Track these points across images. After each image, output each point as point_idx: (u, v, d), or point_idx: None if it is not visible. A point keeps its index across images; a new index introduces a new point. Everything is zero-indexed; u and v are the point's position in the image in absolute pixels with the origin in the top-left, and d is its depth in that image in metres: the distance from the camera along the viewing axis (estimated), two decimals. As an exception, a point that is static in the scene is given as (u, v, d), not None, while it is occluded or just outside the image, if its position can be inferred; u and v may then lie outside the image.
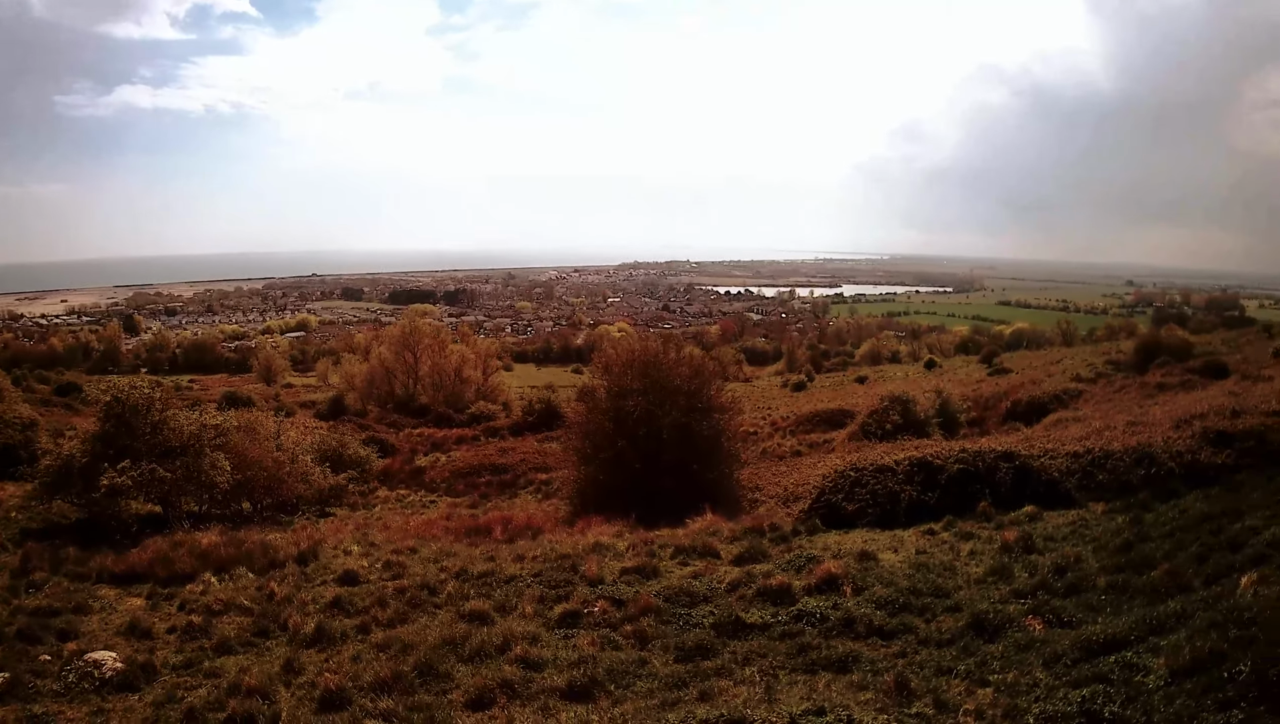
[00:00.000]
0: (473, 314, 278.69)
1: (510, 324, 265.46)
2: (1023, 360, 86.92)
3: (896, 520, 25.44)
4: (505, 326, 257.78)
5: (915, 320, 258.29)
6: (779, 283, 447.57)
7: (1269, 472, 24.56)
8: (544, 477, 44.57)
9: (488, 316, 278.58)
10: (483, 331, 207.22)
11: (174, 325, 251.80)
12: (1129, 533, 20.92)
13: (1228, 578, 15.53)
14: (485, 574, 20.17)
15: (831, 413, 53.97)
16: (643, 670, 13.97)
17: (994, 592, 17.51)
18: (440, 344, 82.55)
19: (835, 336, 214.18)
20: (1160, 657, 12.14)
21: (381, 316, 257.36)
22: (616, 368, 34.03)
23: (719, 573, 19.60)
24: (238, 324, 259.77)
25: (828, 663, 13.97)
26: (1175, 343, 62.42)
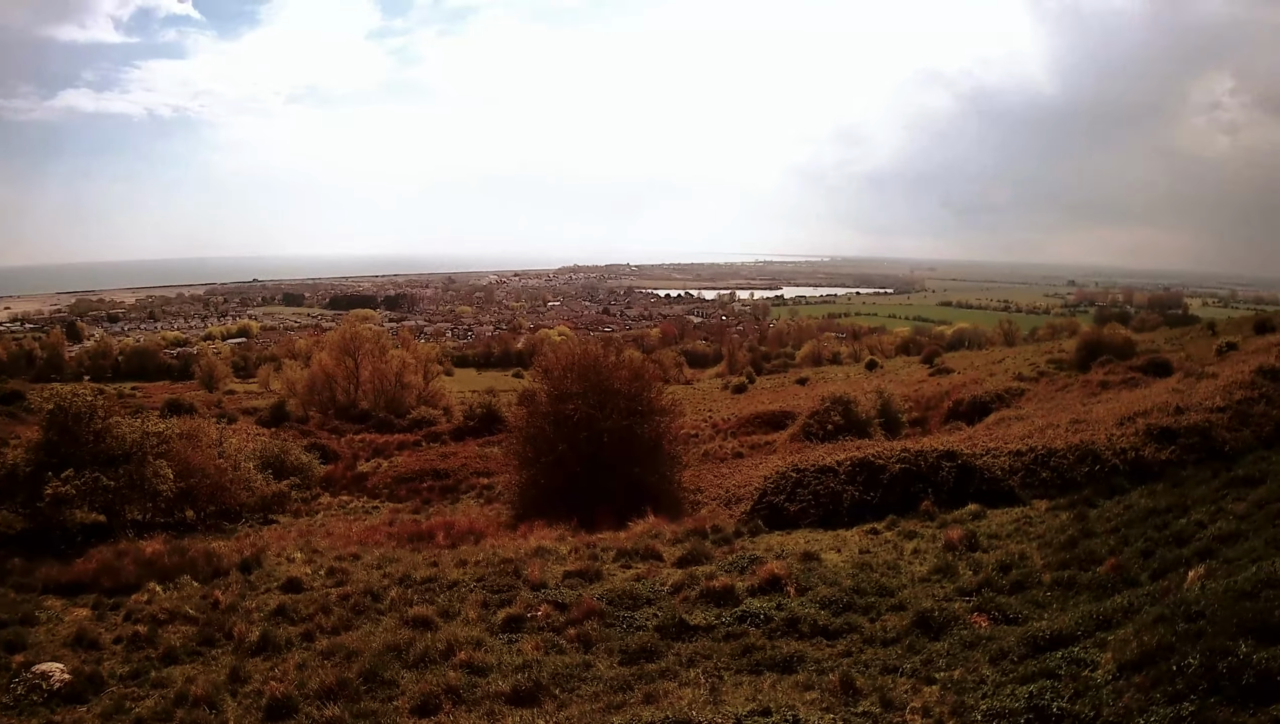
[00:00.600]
0: (413, 319, 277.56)
1: (451, 329, 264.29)
2: (964, 360, 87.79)
3: (839, 520, 25.63)
4: (446, 331, 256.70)
5: (856, 322, 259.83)
6: (719, 285, 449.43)
7: (1214, 467, 24.88)
8: (486, 481, 44.50)
9: (428, 321, 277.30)
10: (423, 336, 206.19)
11: (117, 332, 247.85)
12: (1074, 529, 21.14)
13: (1174, 572, 15.70)
14: (428, 580, 20.11)
15: (773, 414, 54.28)
16: (587, 674, 13.94)
17: (938, 589, 17.65)
18: (381, 349, 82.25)
19: (776, 338, 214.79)
20: (1107, 651, 12.20)
21: (322, 322, 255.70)
22: (557, 372, 33.94)
23: (662, 575, 19.63)
24: (180, 330, 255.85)
25: (772, 663, 14.00)
26: (1118, 341, 63.16)
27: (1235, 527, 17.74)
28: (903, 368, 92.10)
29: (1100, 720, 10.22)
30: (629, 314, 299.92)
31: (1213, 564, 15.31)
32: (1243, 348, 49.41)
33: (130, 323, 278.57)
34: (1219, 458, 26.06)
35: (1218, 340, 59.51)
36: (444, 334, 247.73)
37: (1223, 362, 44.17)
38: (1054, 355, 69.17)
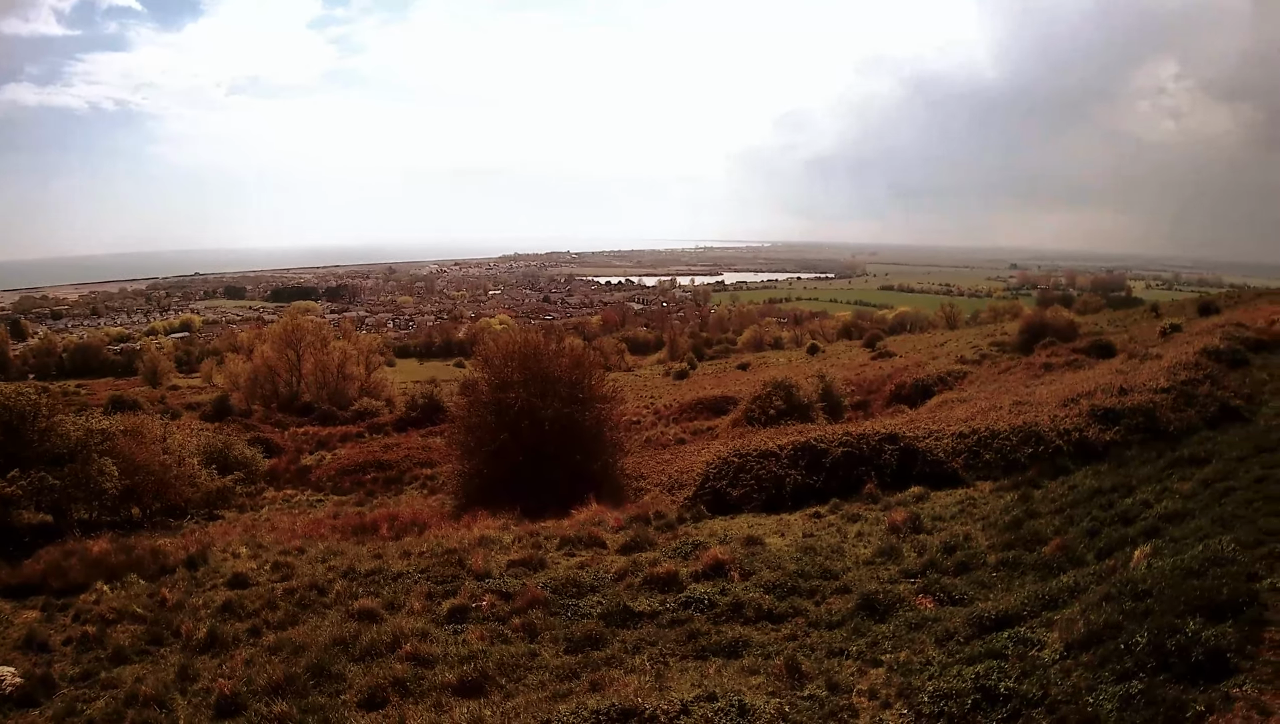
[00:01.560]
0: (355, 310, 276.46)
1: (392, 319, 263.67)
2: (906, 343, 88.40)
3: (782, 504, 25.78)
4: (387, 322, 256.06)
5: (797, 306, 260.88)
6: (659, 272, 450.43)
7: (1159, 447, 25.18)
8: (429, 472, 44.40)
9: (370, 312, 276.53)
10: (365, 327, 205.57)
11: (60, 329, 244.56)
12: (1018, 510, 21.33)
13: (1120, 551, 15.85)
14: (373, 572, 20.01)
15: (715, 400, 54.40)
16: (533, 663, 13.99)
17: (883, 572, 17.75)
18: (322, 341, 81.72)
19: (717, 324, 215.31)
20: (1054, 631, 12.36)
21: (264, 315, 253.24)
22: (497, 361, 33.81)
23: (606, 562, 19.71)
24: (123, 326, 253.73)
25: (718, 648, 14.06)
26: (1061, 324, 63.67)
27: (1181, 506, 17.96)
28: (845, 352, 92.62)
29: (1048, 700, 10.32)
30: (570, 302, 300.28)
31: (1159, 543, 15.48)
32: (1187, 330, 50.04)
33: (74, 320, 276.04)
34: (1164, 438, 26.37)
35: (1161, 322, 60.20)
36: (385, 325, 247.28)
37: (1167, 343, 44.67)
38: (996, 338, 69.80)
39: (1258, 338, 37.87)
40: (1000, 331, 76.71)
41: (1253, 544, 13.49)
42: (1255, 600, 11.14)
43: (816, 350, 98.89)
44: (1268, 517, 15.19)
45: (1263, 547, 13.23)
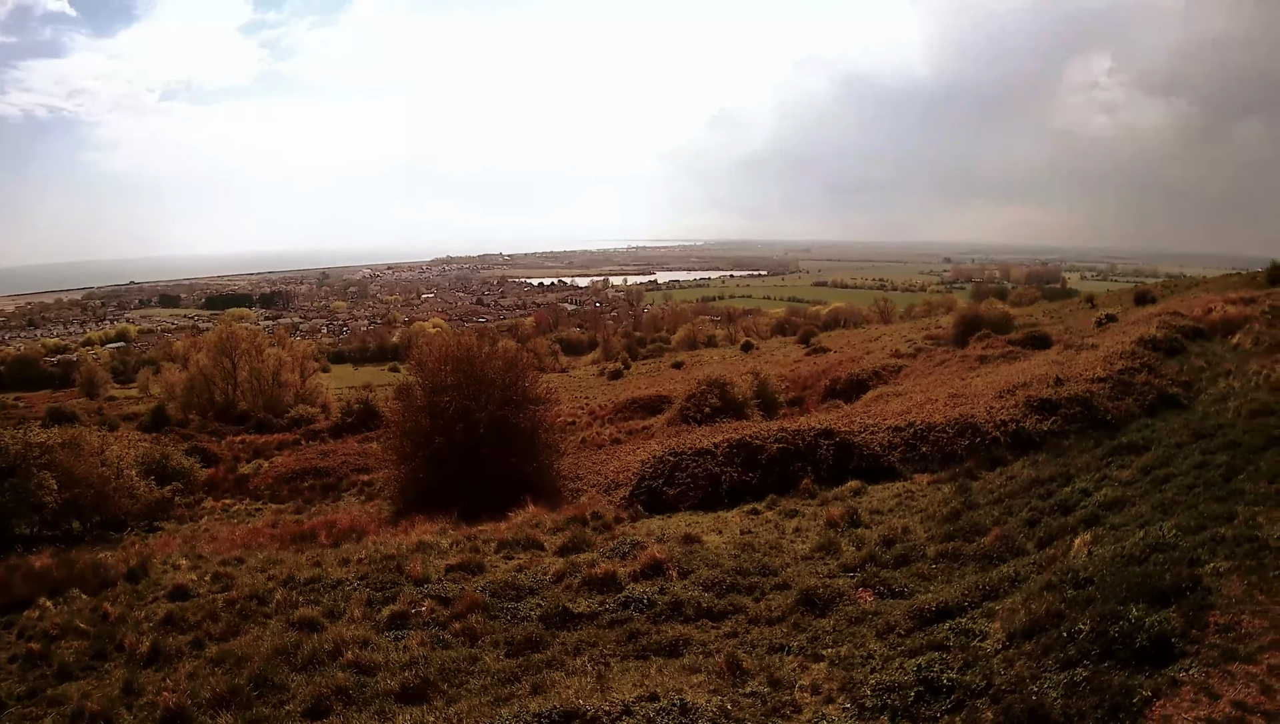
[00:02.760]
0: (289, 316, 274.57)
1: (326, 325, 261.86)
2: (841, 339, 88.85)
3: (719, 502, 25.86)
4: (321, 327, 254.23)
5: (731, 304, 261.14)
6: (592, 272, 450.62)
7: (1097, 436, 25.48)
8: (366, 478, 43.94)
9: (304, 318, 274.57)
10: (299, 333, 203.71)
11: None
12: (956, 502, 21.53)
13: (1061, 540, 16.00)
14: (312, 580, 19.88)
15: (649, 399, 54.39)
16: (474, 667, 13.91)
17: (822, 567, 17.83)
18: (257, 349, 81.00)
19: (650, 323, 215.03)
20: (996, 621, 12.41)
21: (199, 323, 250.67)
22: (431, 365, 33.70)
23: (544, 564, 19.67)
24: (59, 337, 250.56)
25: (658, 648, 14.08)
26: (995, 316, 64.26)
27: (1121, 493, 18.12)
28: (779, 348, 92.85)
29: (992, 690, 10.34)
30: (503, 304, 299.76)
31: (1100, 531, 15.61)
32: (1123, 319, 50.74)
33: (10, 331, 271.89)
34: (1102, 427, 26.69)
35: (1097, 312, 60.99)
36: (320, 331, 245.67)
37: (1103, 333, 45.25)
38: (931, 332, 70.25)
39: (1195, 326, 38.38)
40: (935, 325, 77.21)
41: (1194, 529, 13.61)
42: (1198, 585, 11.23)
43: (751, 347, 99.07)
44: (1208, 502, 15.34)
45: (1204, 532, 13.35)
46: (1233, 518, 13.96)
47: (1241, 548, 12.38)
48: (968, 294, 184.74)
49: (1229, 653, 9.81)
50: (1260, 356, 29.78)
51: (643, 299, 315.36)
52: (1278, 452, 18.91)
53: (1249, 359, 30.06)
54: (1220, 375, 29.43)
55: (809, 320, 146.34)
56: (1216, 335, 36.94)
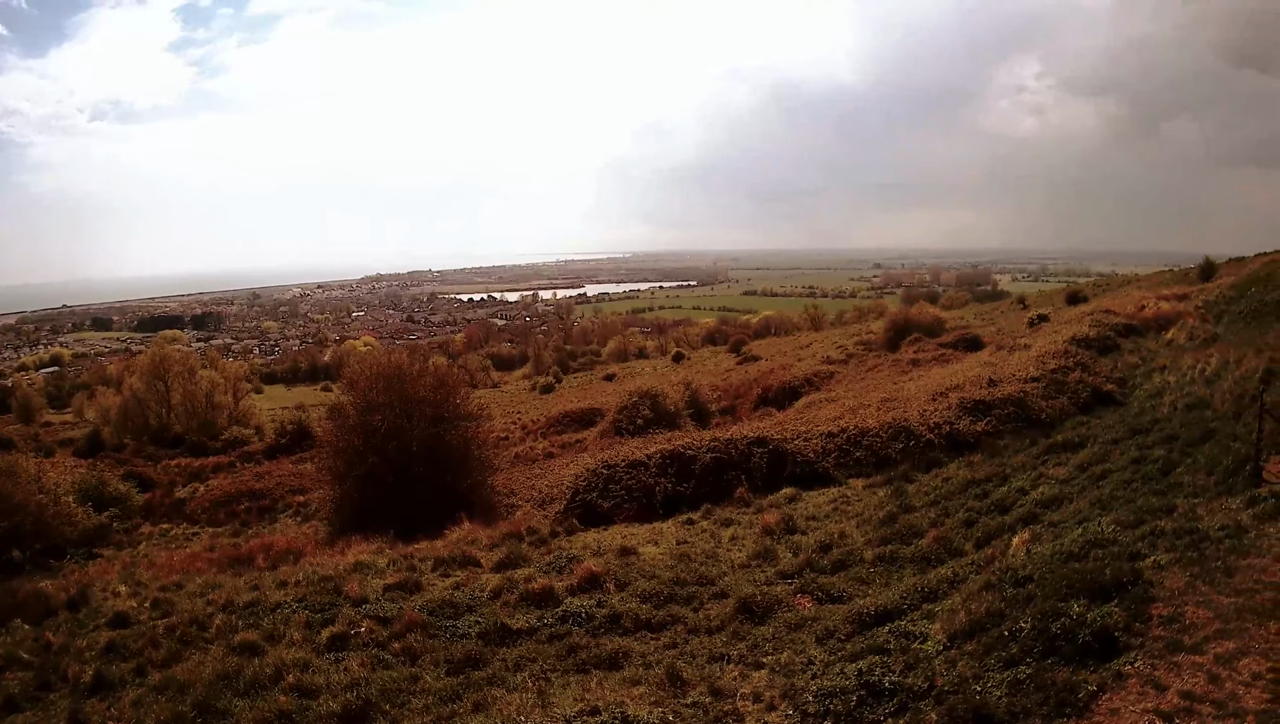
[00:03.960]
0: (220, 337, 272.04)
1: (258, 345, 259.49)
2: (772, 347, 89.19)
3: (654, 513, 25.84)
4: (253, 348, 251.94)
5: (661, 316, 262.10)
6: (521, 287, 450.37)
7: (1032, 435, 25.78)
8: (301, 499, 43.73)
9: (235, 339, 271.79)
10: (231, 355, 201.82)
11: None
12: (892, 505, 21.67)
13: (999, 539, 16.14)
14: (251, 604, 19.66)
15: (582, 412, 54.42)
16: (415, 687, 13.83)
17: (760, 574, 17.86)
18: (190, 371, 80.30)
19: (581, 337, 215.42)
20: (936, 622, 12.47)
21: (132, 346, 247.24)
22: (362, 383, 33.50)
23: (481, 581, 19.55)
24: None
25: (598, 661, 14.04)
26: (926, 320, 64.61)
27: (1058, 491, 18.34)
28: (710, 358, 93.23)
29: (935, 691, 10.35)
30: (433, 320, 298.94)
31: (1038, 529, 15.77)
32: (1055, 319, 51.26)
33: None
34: (1037, 426, 27.00)
35: (1029, 313, 61.69)
36: (251, 351, 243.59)
37: (1035, 333, 45.72)
38: (862, 337, 70.66)
39: (1128, 323, 38.93)
40: (866, 331, 77.63)
41: (1133, 524, 13.75)
42: (1140, 579, 11.33)
43: (682, 358, 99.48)
44: (1146, 496, 15.51)
45: (1143, 525, 13.49)
46: (1172, 511, 14.13)
47: (1182, 540, 12.51)
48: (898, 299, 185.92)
49: (1174, 644, 9.89)
50: (1195, 351, 30.18)
51: (573, 312, 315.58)
52: (1215, 444, 19.16)
53: (1184, 354, 30.45)
54: (1155, 371, 29.82)
55: (740, 329, 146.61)
56: (1150, 332, 37.48)
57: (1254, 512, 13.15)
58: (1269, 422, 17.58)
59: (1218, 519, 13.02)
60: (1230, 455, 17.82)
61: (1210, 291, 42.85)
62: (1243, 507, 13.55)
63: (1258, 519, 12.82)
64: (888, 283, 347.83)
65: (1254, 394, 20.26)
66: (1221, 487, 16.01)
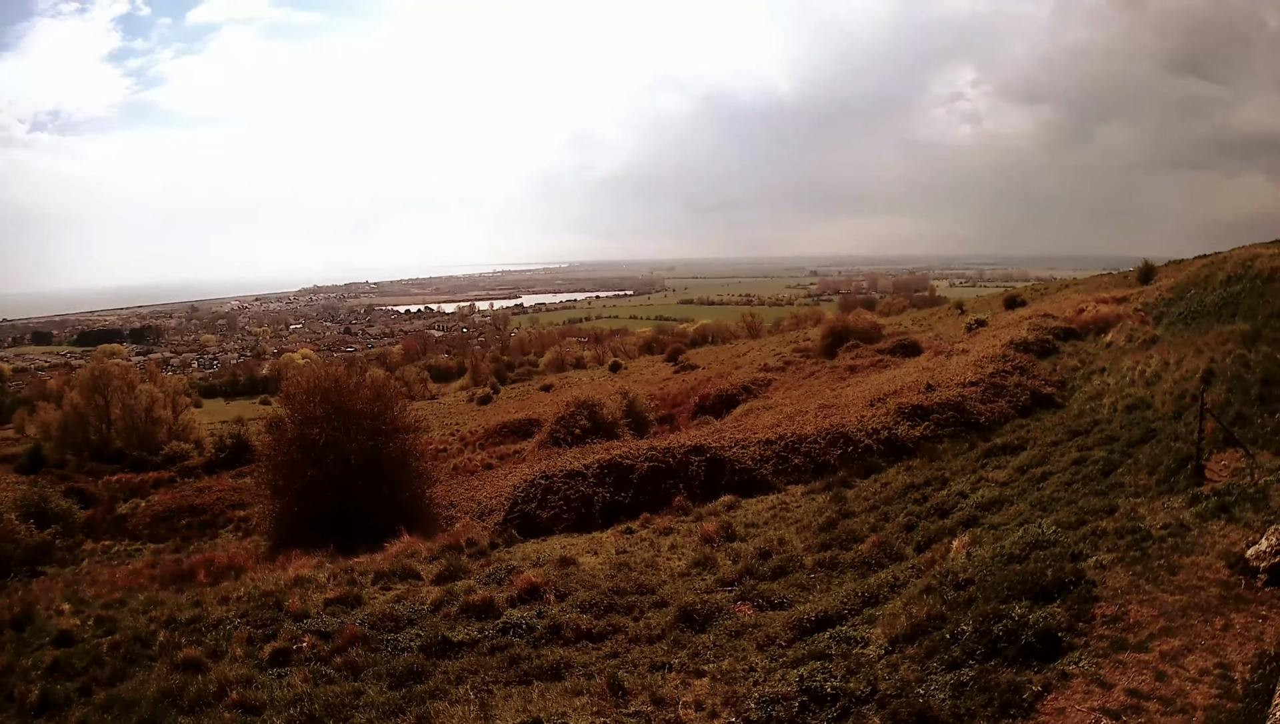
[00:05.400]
0: (159, 351, 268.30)
1: (197, 359, 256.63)
2: (709, 355, 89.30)
3: (593, 523, 25.92)
4: (192, 362, 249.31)
5: (598, 325, 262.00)
6: (458, 298, 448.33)
7: (971, 439, 25.98)
8: (242, 513, 43.57)
9: (174, 352, 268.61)
10: (170, 368, 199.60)
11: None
12: (831, 511, 21.74)
13: (939, 543, 16.19)
14: (194, 620, 19.54)
15: (520, 423, 54.38)
16: (358, 701, 13.71)
17: (699, 582, 17.85)
18: (129, 385, 79.49)
19: (518, 347, 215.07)
20: (877, 627, 12.47)
21: (71, 360, 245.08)
22: (301, 396, 33.35)
23: (421, 594, 19.52)
24: None
25: (540, 672, 13.98)
26: (864, 326, 64.83)
27: (998, 493, 18.49)
28: (647, 367, 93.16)
29: (878, 695, 10.34)
30: (370, 332, 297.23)
31: (978, 532, 15.85)
32: (993, 323, 51.70)
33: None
34: (976, 429, 27.23)
35: (967, 318, 62.03)
36: (190, 365, 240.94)
37: (973, 338, 46.08)
38: (800, 344, 70.77)
39: (1066, 326, 39.32)
40: (803, 338, 77.79)
41: (1074, 524, 13.84)
42: (1082, 579, 11.40)
43: (619, 367, 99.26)
44: (1087, 497, 15.67)
45: (1085, 526, 13.59)
46: (1114, 511, 14.26)
47: (1124, 540, 12.61)
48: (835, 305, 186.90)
49: (1119, 643, 9.95)
50: (1135, 352, 30.52)
51: (509, 323, 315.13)
52: (1156, 444, 19.40)
53: (1123, 355, 30.79)
54: (1094, 373, 30.17)
55: (677, 338, 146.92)
56: (1089, 334, 37.85)
57: (1196, 510, 13.30)
58: (1210, 421, 17.78)
59: (1160, 518, 13.14)
60: (1172, 455, 18.09)
61: (1149, 294, 43.36)
62: (1185, 505, 13.70)
63: (1200, 517, 12.97)
64: (824, 290, 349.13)
65: (1195, 394, 20.59)
66: (1163, 486, 16.23)
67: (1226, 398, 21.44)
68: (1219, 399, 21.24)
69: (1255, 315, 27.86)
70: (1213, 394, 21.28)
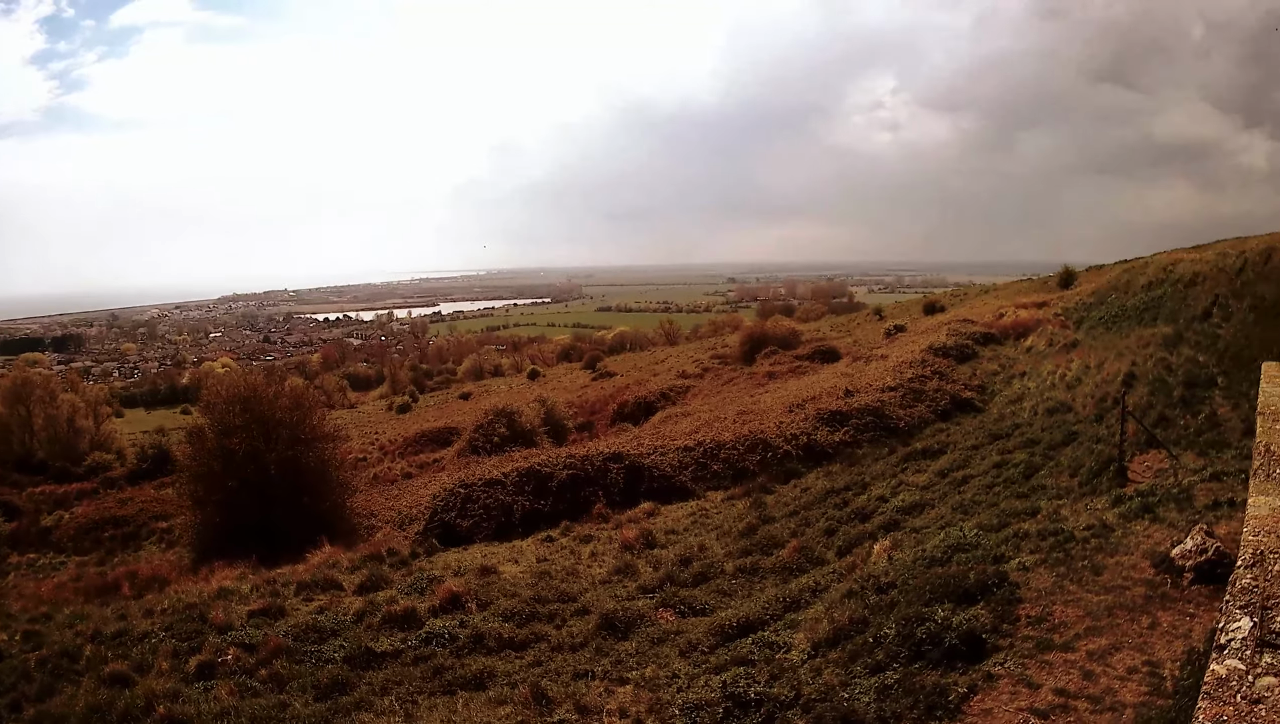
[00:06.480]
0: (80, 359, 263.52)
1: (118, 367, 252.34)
2: (627, 362, 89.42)
3: (513, 531, 25.86)
4: (113, 371, 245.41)
5: (516, 333, 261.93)
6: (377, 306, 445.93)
7: (891, 443, 26.21)
8: (164, 525, 43.28)
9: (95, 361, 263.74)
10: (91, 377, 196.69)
11: None
12: (751, 516, 21.86)
13: (860, 547, 16.30)
14: (119, 634, 19.26)
15: (439, 431, 54.31)
16: (284, 714, 13.61)
17: (621, 590, 17.86)
18: (51, 394, 78.39)
19: (436, 355, 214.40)
20: (800, 632, 12.47)
21: None
22: (220, 406, 33.12)
23: (344, 604, 19.43)
24: None
25: (464, 682, 13.94)
26: (782, 332, 65.17)
27: (919, 497, 18.64)
28: (565, 375, 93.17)
29: (802, 700, 10.32)
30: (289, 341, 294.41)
31: (899, 536, 15.97)
32: (912, 329, 52.20)
33: None
34: (895, 434, 27.48)
35: (886, 324, 62.62)
36: (111, 373, 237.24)
37: (892, 343, 46.54)
38: (718, 351, 71.09)
39: (986, 331, 39.82)
40: (721, 344, 78.14)
41: (996, 527, 13.97)
42: (1005, 581, 11.48)
43: (537, 375, 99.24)
44: (1008, 499, 15.83)
45: (1007, 528, 13.71)
46: (1036, 513, 14.42)
47: (1047, 541, 12.72)
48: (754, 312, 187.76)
49: (1044, 643, 10.00)
50: (1055, 356, 30.95)
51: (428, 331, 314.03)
52: (1078, 446, 19.65)
53: (1043, 359, 31.21)
54: (1015, 377, 30.59)
55: (595, 345, 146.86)
56: (1009, 339, 38.35)
57: (1120, 511, 13.45)
58: (1131, 423, 18.02)
59: (1083, 519, 13.29)
60: (1094, 457, 18.34)
61: (1070, 299, 43.95)
62: (1108, 506, 13.86)
63: (1124, 518, 13.11)
64: (743, 297, 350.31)
65: (1116, 397, 20.90)
66: (1086, 488, 16.43)
67: (1149, 400, 21.79)
68: (1141, 401, 21.58)
69: (1177, 319, 28.28)
70: (1134, 397, 21.60)
